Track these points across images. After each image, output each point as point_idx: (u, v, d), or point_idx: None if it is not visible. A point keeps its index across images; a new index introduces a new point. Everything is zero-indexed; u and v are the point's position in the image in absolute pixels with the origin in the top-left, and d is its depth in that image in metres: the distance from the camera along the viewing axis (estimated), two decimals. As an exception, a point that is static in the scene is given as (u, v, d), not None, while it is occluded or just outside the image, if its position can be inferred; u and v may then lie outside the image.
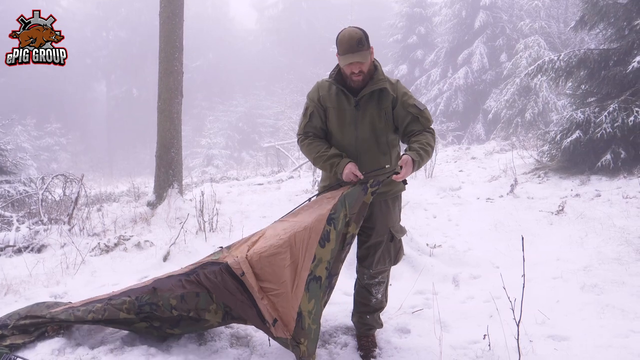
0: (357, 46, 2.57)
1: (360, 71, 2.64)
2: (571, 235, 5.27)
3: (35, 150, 28.47)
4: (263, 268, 2.59)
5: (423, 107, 2.71)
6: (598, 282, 3.87)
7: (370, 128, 2.74)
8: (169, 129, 8.09)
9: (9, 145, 9.97)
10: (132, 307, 2.88)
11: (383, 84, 2.69)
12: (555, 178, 8.48)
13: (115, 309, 2.91)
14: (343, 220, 2.61)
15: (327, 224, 2.58)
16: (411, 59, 28.65)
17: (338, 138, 2.82)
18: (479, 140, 21.56)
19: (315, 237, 2.59)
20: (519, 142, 14.47)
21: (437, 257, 4.78)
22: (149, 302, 2.85)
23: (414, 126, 2.69)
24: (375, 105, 2.72)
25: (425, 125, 2.69)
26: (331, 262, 2.63)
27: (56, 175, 8.49)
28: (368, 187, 2.59)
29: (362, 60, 2.58)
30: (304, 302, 2.56)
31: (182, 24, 8.34)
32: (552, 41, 20.27)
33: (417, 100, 2.74)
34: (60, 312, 3.03)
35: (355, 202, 2.62)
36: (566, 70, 9.13)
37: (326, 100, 2.80)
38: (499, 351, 2.75)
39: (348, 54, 2.58)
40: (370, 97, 2.72)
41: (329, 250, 2.60)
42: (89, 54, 48.80)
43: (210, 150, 31.18)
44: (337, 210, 2.60)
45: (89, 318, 2.95)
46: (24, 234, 5.87)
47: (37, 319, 3.06)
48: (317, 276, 2.59)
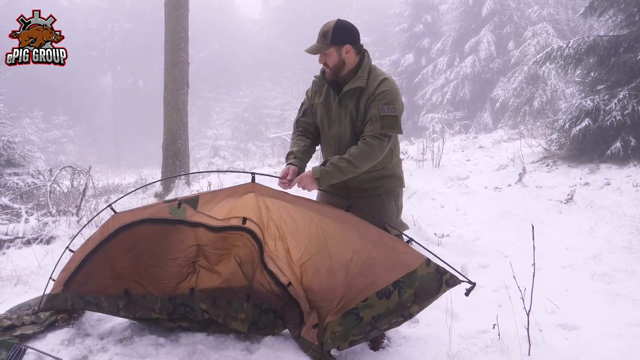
0: (319, 38, 2.64)
1: (326, 63, 2.68)
2: (581, 224, 5.23)
3: (43, 143, 28.54)
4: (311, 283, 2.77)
5: (386, 112, 2.57)
6: (608, 271, 3.84)
7: (351, 126, 2.72)
8: (176, 120, 8.10)
9: (17, 138, 10.01)
10: (166, 308, 2.96)
11: (361, 82, 2.65)
12: (564, 167, 8.41)
13: (147, 309, 2.96)
14: (410, 296, 2.44)
15: (393, 286, 2.44)
16: (417, 47, 28.38)
17: (325, 134, 2.84)
18: (486, 129, 21.40)
19: (370, 283, 2.50)
20: (527, 130, 14.34)
21: (446, 247, 4.77)
22: (185, 304, 2.95)
23: (367, 129, 2.61)
24: (355, 103, 2.68)
25: (374, 131, 2.57)
26: (380, 316, 2.49)
27: (64, 167, 8.52)
28: (443, 284, 2.43)
29: (313, 53, 2.64)
30: (334, 324, 2.58)
31: (187, 15, 8.31)
32: (561, 28, 20.00)
33: (388, 103, 2.59)
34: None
35: (427, 292, 2.44)
36: (575, 57, 9.00)
37: (317, 96, 2.83)
38: (509, 341, 2.73)
39: (312, 43, 2.68)
40: (352, 95, 2.69)
41: (384, 305, 2.47)
42: (95, 46, 48.81)
43: (216, 142, 31.16)
44: (407, 281, 2.43)
45: (121, 315, 3.03)
46: (33, 226, 5.90)
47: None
48: (360, 316, 2.51)
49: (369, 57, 2.75)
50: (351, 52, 2.66)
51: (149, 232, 2.87)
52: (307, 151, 2.85)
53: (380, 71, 2.74)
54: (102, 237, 2.88)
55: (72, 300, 3.02)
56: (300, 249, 2.77)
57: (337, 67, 2.67)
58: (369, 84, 2.65)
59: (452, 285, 2.43)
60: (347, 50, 2.64)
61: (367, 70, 2.68)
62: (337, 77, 2.71)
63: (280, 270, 2.87)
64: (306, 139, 2.88)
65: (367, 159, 2.56)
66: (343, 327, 2.55)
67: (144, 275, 2.96)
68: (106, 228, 2.88)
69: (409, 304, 2.45)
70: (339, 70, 2.68)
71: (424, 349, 2.80)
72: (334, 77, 2.72)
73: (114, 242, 2.87)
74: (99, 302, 2.99)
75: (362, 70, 2.68)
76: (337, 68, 2.67)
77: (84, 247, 2.96)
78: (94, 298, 3.00)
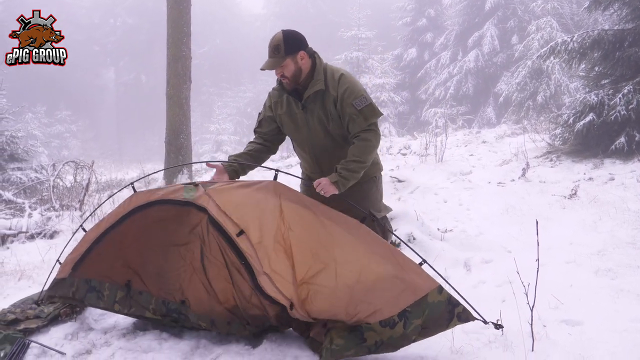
0: (272, 53, 2.71)
1: (283, 75, 2.75)
2: (584, 219, 5.20)
3: (46, 138, 28.61)
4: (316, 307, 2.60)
5: (362, 105, 2.68)
6: (612, 267, 3.82)
7: (321, 129, 2.81)
8: (178, 114, 8.10)
9: (20, 133, 10.03)
10: (159, 309, 2.90)
11: (320, 85, 2.74)
12: (567, 162, 8.37)
13: (142, 306, 2.92)
14: (416, 328, 2.37)
15: (399, 317, 2.35)
16: (420, 42, 28.29)
17: (296, 142, 2.97)
18: (489, 124, 21.35)
19: (373, 312, 2.40)
20: (530, 125, 14.30)
21: (449, 242, 4.75)
22: (178, 311, 2.85)
23: (352, 128, 2.72)
24: (320, 106, 2.77)
25: (361, 126, 2.69)
26: (383, 343, 2.41)
27: (67, 162, 8.53)
28: (455, 317, 2.36)
29: (270, 69, 2.72)
30: (336, 333, 2.50)
31: (189, 9, 8.29)
32: (565, 22, 19.90)
33: (358, 96, 2.69)
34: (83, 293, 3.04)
35: (436, 324, 2.37)
36: (579, 51, 8.95)
37: (278, 107, 2.92)
38: (512, 336, 2.72)
39: (266, 60, 2.75)
40: (315, 98, 2.77)
41: (387, 334, 2.38)
42: (97, 41, 48.75)
43: (219, 136, 31.20)
44: (415, 310, 2.35)
45: (115, 309, 2.99)
46: (36, 221, 5.92)
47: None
48: (364, 337, 2.42)
49: (320, 58, 2.83)
50: (305, 57, 2.75)
51: (161, 214, 2.82)
52: (251, 155, 3.03)
53: (334, 68, 2.83)
54: (117, 217, 2.89)
55: (77, 286, 3.02)
56: (306, 263, 2.58)
57: (295, 75, 2.75)
58: (327, 84, 2.74)
59: (464, 320, 2.37)
60: (301, 56, 2.74)
61: (322, 72, 2.77)
62: (297, 85, 2.79)
63: (279, 291, 2.57)
64: (256, 145, 3.06)
65: (369, 150, 2.69)
66: (344, 341, 2.45)
67: (148, 268, 2.93)
68: (122, 207, 2.89)
69: (414, 337, 2.37)
70: (297, 77, 2.76)
71: (426, 344, 2.78)
72: (293, 86, 2.79)
73: (127, 224, 2.87)
74: (101, 289, 2.99)
75: (317, 72, 2.76)
76: (295, 76, 2.76)
77: (97, 226, 2.97)
78: (99, 283, 2.99)
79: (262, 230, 2.60)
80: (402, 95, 26.98)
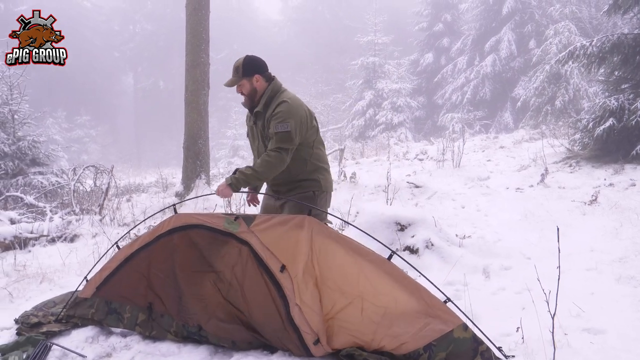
0: (233, 72, 3.13)
1: (242, 92, 3.15)
2: (605, 225, 5.13)
3: (66, 142, 28.97)
4: None
5: (280, 129, 2.96)
6: (635, 274, 3.75)
7: (262, 140, 3.18)
8: (196, 120, 8.16)
9: (41, 138, 10.20)
10: (180, 332, 2.92)
11: (261, 107, 3.11)
12: (587, 167, 8.26)
13: (164, 329, 2.95)
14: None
15: (424, 349, 2.42)
16: (437, 47, 28.18)
17: (251, 148, 3.38)
18: (507, 129, 21.14)
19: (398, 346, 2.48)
20: (549, 130, 14.14)
21: (467, 248, 4.71)
22: (199, 334, 2.87)
23: (269, 145, 3.06)
24: (262, 122, 3.14)
25: (272, 147, 3.01)
26: None
27: (87, 167, 8.67)
28: (478, 354, 2.40)
29: (229, 86, 3.15)
30: (359, 354, 2.55)
31: (208, 16, 8.37)
32: (583, 26, 19.67)
33: (282, 122, 2.96)
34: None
35: (460, 359, 2.42)
36: (599, 56, 8.84)
37: (248, 120, 3.33)
38: (533, 344, 2.69)
39: (229, 78, 3.15)
40: (259, 116, 3.16)
41: None
42: (116, 47, 49.48)
43: (236, 142, 31.33)
44: (440, 344, 2.41)
45: (137, 331, 3.01)
46: (57, 224, 6.02)
47: None
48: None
49: (276, 83, 3.16)
50: (261, 80, 3.12)
51: (196, 239, 2.93)
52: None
53: (286, 95, 3.10)
54: (153, 236, 3.00)
55: (97, 307, 3.07)
56: (333, 298, 2.66)
57: (251, 94, 3.14)
58: (268, 107, 3.09)
59: (487, 359, 2.40)
60: (257, 79, 3.10)
61: (267, 96, 3.11)
62: (253, 103, 3.17)
63: (307, 323, 2.61)
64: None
65: (268, 167, 2.99)
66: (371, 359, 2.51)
67: (170, 291, 2.96)
68: (160, 227, 3.01)
69: None
70: (253, 96, 3.15)
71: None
72: (250, 103, 3.17)
73: (161, 244, 2.98)
74: (122, 311, 3.03)
75: (264, 96, 3.12)
76: (251, 95, 3.14)
77: (130, 246, 3.06)
78: (119, 305, 3.05)
79: (296, 263, 2.70)
80: (418, 100, 26.90)
